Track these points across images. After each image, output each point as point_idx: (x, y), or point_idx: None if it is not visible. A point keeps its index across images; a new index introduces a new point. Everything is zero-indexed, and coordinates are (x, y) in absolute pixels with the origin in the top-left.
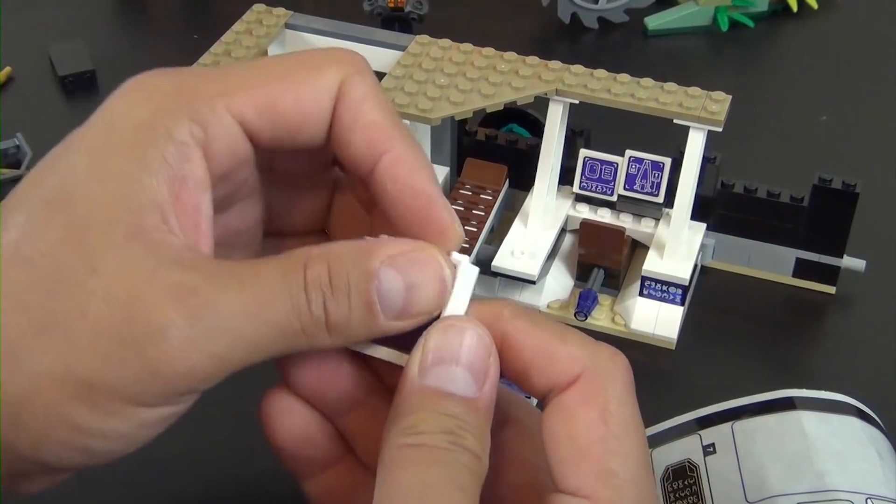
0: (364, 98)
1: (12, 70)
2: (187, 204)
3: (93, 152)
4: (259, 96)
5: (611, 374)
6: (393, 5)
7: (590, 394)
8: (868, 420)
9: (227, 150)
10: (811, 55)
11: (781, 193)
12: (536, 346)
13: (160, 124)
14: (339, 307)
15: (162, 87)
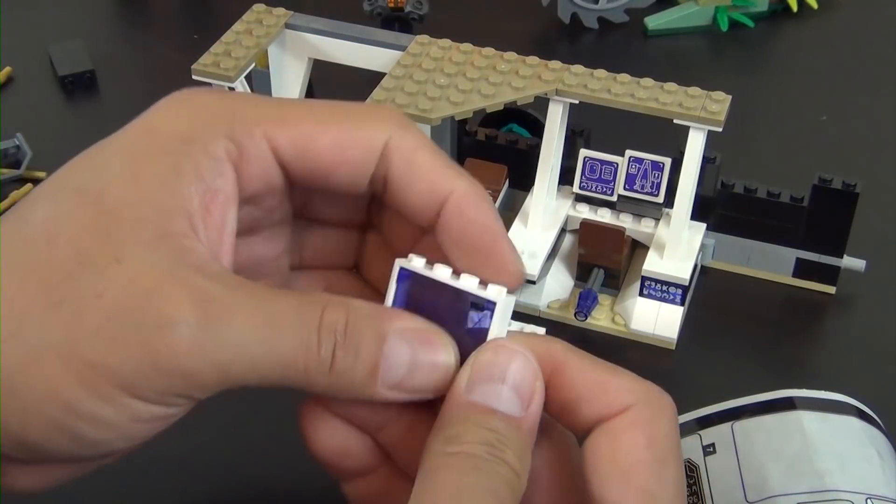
0: (416, 148)
1: (12, 70)
2: (215, 217)
3: (129, 153)
4: (297, 132)
5: (660, 406)
6: (393, 5)
7: (637, 421)
8: (868, 420)
9: (259, 175)
10: (811, 55)
11: (781, 193)
12: (589, 378)
13: (198, 138)
14: (346, 357)
15: (206, 104)
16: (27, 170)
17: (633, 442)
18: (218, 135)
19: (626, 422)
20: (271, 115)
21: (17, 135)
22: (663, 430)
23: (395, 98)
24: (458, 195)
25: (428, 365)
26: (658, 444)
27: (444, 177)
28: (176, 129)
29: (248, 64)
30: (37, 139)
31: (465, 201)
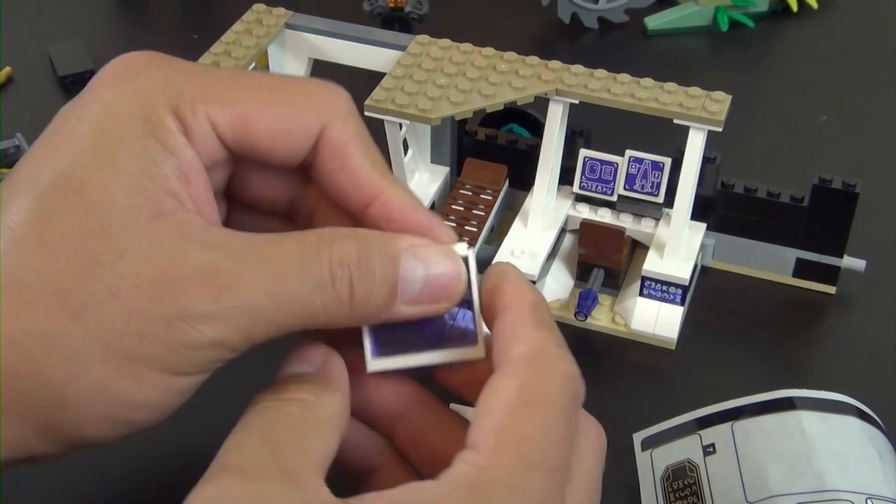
0: (347, 143)
1: (12, 70)
2: (197, 185)
3: (97, 142)
4: (237, 113)
5: (547, 360)
6: (393, 5)
7: (518, 368)
8: (868, 420)
9: (204, 149)
10: (811, 55)
11: (781, 193)
12: (514, 323)
13: (154, 117)
14: (364, 286)
15: (153, 78)
16: None
17: (505, 386)
18: (167, 109)
19: (508, 369)
20: (213, 95)
21: (17, 135)
22: (540, 380)
23: (396, 98)
24: (382, 201)
25: (442, 275)
26: (529, 389)
27: (369, 179)
28: (132, 111)
29: (248, 64)
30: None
31: (390, 208)
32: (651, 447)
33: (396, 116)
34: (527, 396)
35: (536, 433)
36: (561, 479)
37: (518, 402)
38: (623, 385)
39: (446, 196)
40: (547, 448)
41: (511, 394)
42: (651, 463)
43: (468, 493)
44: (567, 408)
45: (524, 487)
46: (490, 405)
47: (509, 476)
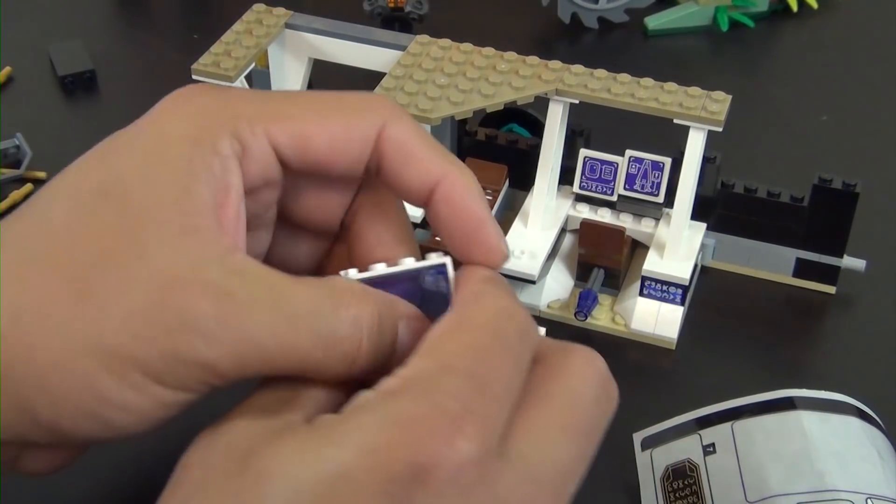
0: (410, 136)
1: (12, 70)
2: (230, 211)
3: (145, 157)
4: (295, 128)
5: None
6: (393, 5)
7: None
8: (868, 420)
9: (260, 170)
10: (811, 55)
11: (781, 193)
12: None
13: (206, 138)
14: (370, 349)
15: (208, 104)
16: (27, 170)
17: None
18: (223, 133)
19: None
20: (270, 113)
21: (17, 135)
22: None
23: (396, 98)
24: (447, 183)
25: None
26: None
27: (434, 164)
28: (184, 132)
29: (248, 64)
30: (37, 139)
31: (453, 189)
32: (651, 447)
33: None
34: (458, 323)
35: (459, 347)
36: (483, 387)
37: (448, 328)
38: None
39: None
40: (470, 359)
41: (444, 324)
42: (651, 463)
43: (384, 394)
44: (501, 332)
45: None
46: (426, 336)
47: (422, 378)
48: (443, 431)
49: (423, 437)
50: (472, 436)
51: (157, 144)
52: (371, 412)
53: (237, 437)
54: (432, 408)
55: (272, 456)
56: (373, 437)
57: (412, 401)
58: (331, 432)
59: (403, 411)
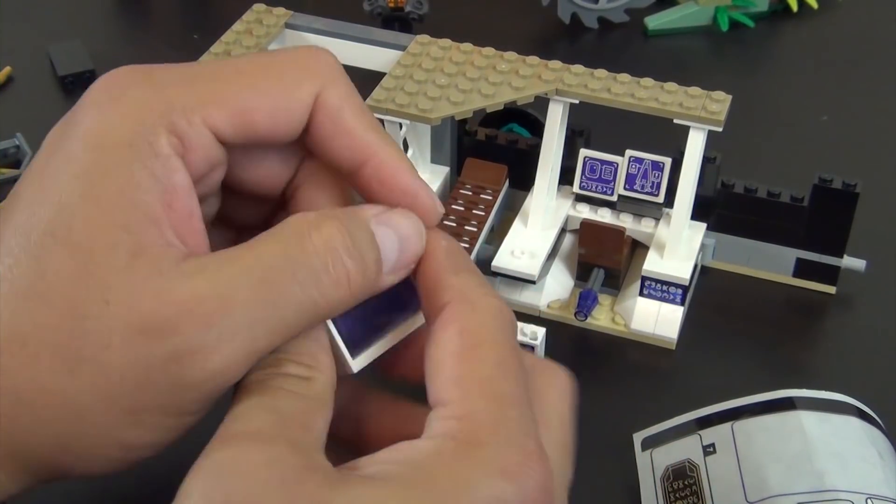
0: (341, 106)
1: (12, 70)
2: (181, 211)
3: (84, 177)
4: (233, 108)
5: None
6: (393, 5)
7: (448, 317)
8: (868, 420)
9: (204, 158)
10: (811, 55)
11: (781, 193)
12: (431, 276)
13: (142, 140)
14: (356, 264)
15: (139, 97)
16: None
17: (444, 338)
18: (159, 131)
19: (440, 321)
20: (205, 95)
21: (17, 135)
22: (474, 322)
23: (396, 98)
24: (375, 163)
25: (410, 237)
26: (467, 334)
27: (362, 141)
28: (119, 137)
29: None
30: (37, 139)
31: (382, 168)
32: (651, 447)
33: (396, 116)
34: (470, 340)
35: (493, 372)
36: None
37: (464, 349)
38: (623, 385)
39: (446, 196)
40: (508, 383)
41: (454, 342)
42: (651, 463)
43: (460, 443)
44: (508, 340)
45: (505, 424)
46: (439, 359)
47: (489, 417)
48: (538, 475)
49: (526, 486)
50: (551, 469)
51: (92, 160)
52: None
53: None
54: (521, 454)
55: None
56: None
57: (501, 449)
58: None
59: (500, 461)
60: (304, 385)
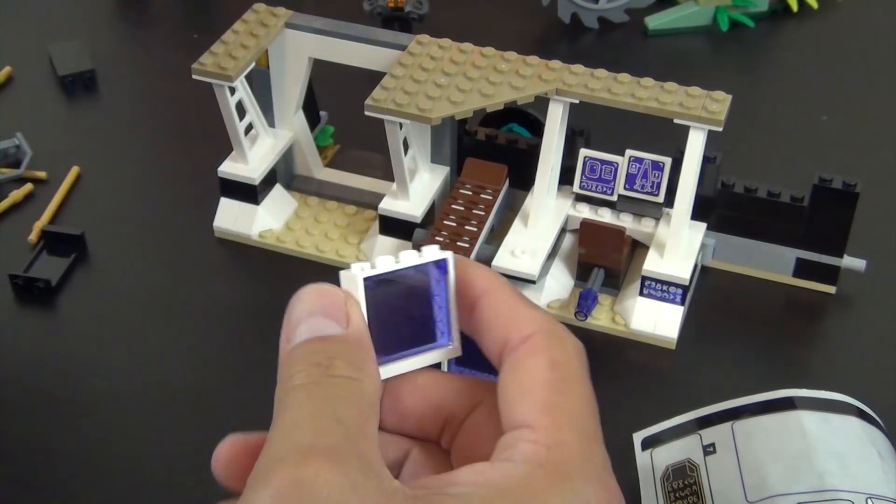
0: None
1: (12, 70)
2: None
3: None
4: None
5: (562, 337)
6: (393, 5)
7: (539, 347)
8: (868, 420)
9: None
10: (811, 55)
11: (781, 193)
12: (503, 306)
13: None
14: None
15: None
16: (27, 169)
17: (535, 365)
18: None
19: (529, 348)
20: None
21: (17, 134)
22: (565, 357)
23: (396, 97)
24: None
25: None
26: (559, 365)
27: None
28: None
29: (248, 63)
30: (37, 139)
31: None
32: (651, 447)
33: (396, 116)
34: (561, 374)
35: (583, 408)
36: (605, 449)
37: (556, 380)
38: (623, 385)
39: (446, 196)
40: (593, 421)
41: (545, 373)
42: (651, 463)
43: (548, 471)
44: (589, 381)
45: (592, 460)
46: (529, 385)
47: (579, 451)
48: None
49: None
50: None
51: None
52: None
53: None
54: (608, 492)
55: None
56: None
57: (592, 485)
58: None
59: (590, 497)
60: (356, 388)
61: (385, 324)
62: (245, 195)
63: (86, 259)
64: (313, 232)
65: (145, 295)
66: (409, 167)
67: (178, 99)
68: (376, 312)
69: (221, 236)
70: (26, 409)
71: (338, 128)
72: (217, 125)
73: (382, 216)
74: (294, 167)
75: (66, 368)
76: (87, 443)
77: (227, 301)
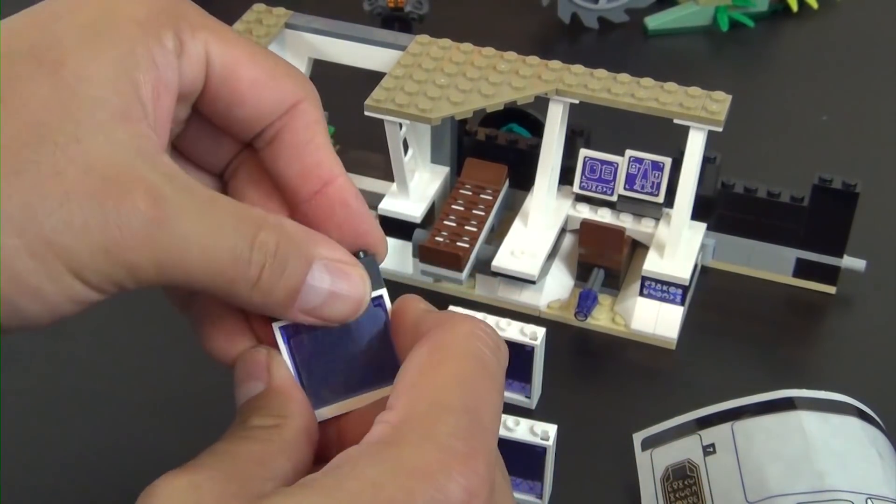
0: (317, 122)
1: None
2: (163, 106)
3: (87, 28)
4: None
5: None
6: (393, 5)
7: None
8: (868, 420)
9: (189, 77)
10: (811, 55)
11: (781, 193)
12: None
13: (153, 26)
14: (271, 277)
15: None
16: None
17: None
18: (168, 26)
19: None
20: (214, 27)
21: None
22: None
23: (396, 98)
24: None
25: (343, 297)
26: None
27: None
28: (132, 13)
29: None
30: None
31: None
32: (651, 447)
33: (396, 116)
34: (437, 355)
35: (445, 380)
36: (476, 420)
37: (427, 362)
38: (623, 385)
39: (446, 196)
40: (458, 391)
41: (422, 357)
42: (651, 463)
43: (381, 445)
44: (478, 356)
45: (435, 428)
46: (404, 370)
47: (420, 421)
48: (460, 477)
49: (443, 486)
50: (483, 475)
51: (101, 17)
52: (376, 464)
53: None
54: (442, 452)
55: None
56: (391, 493)
57: (418, 448)
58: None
59: (414, 460)
60: (271, 433)
61: (320, 365)
62: None
63: None
64: None
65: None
66: (409, 167)
67: None
68: (306, 358)
69: None
70: (26, 409)
71: (338, 128)
72: None
73: (382, 216)
74: None
75: (67, 368)
76: (87, 443)
77: None
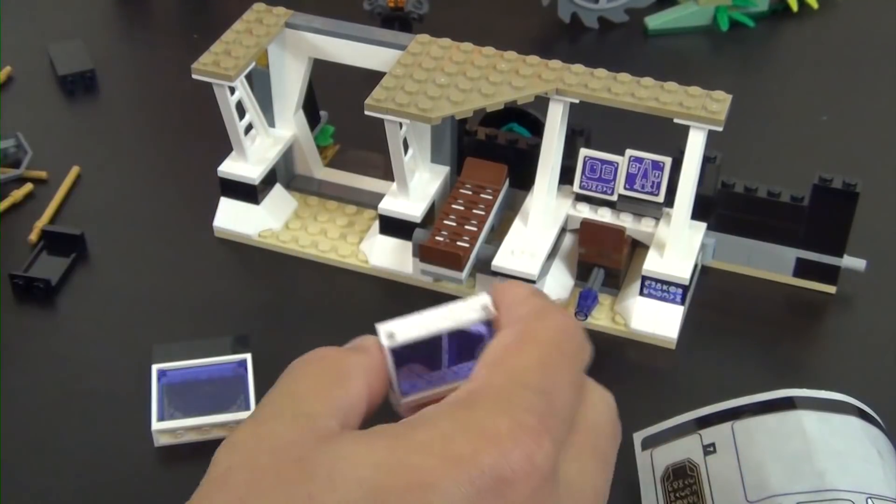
0: None
1: (12, 70)
2: None
3: None
4: None
5: (546, 315)
6: (393, 5)
7: (518, 321)
8: (868, 420)
9: None
10: (811, 55)
11: (781, 193)
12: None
13: None
14: None
15: None
16: (27, 169)
17: (504, 332)
18: None
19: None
20: None
21: (17, 134)
22: (540, 326)
23: (396, 97)
24: None
25: None
26: (527, 333)
27: None
28: None
29: (248, 63)
30: (37, 139)
31: None
32: (651, 447)
33: (397, 116)
34: (525, 337)
35: (529, 362)
36: (552, 405)
37: (514, 343)
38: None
39: (446, 195)
40: (538, 374)
41: (509, 338)
42: (651, 463)
43: (456, 405)
44: (564, 350)
45: (510, 399)
46: (490, 349)
47: (497, 391)
48: (526, 447)
49: (509, 451)
50: (549, 454)
51: None
52: (449, 420)
53: (280, 440)
54: (513, 422)
55: (337, 459)
56: (459, 447)
57: (491, 413)
58: (407, 440)
59: (485, 423)
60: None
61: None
62: (245, 195)
63: (86, 259)
64: (313, 232)
65: (145, 295)
66: (409, 167)
67: (178, 99)
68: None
69: (221, 236)
70: (26, 410)
71: (338, 128)
72: (217, 125)
73: (382, 216)
74: (294, 167)
75: (67, 368)
76: (87, 443)
77: (227, 301)
